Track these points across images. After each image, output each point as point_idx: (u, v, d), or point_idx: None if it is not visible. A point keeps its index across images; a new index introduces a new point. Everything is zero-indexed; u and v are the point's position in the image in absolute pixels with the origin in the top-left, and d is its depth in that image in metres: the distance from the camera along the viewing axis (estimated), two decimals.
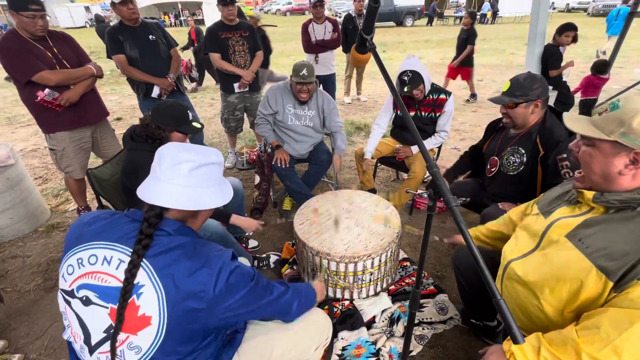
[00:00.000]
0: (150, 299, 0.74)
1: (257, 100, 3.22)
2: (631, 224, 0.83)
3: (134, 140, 1.57)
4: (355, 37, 4.84)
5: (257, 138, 3.69)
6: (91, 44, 11.44)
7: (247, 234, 2.35)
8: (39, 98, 2.01)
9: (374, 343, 1.55)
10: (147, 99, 2.65)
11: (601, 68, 4.04)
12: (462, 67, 5.40)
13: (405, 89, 2.23)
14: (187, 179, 0.82)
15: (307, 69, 2.28)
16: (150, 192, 0.81)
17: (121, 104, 6.06)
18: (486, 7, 20.25)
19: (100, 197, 1.73)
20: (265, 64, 4.42)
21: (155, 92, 2.61)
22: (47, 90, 2.01)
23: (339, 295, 1.78)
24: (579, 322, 0.83)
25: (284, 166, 2.39)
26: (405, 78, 2.23)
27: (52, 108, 2.08)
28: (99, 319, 0.77)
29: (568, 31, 3.63)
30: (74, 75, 2.12)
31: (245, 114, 3.30)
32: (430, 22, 20.22)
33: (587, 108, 4.20)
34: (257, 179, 2.61)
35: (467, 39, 5.18)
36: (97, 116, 2.36)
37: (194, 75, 6.76)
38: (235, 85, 3.02)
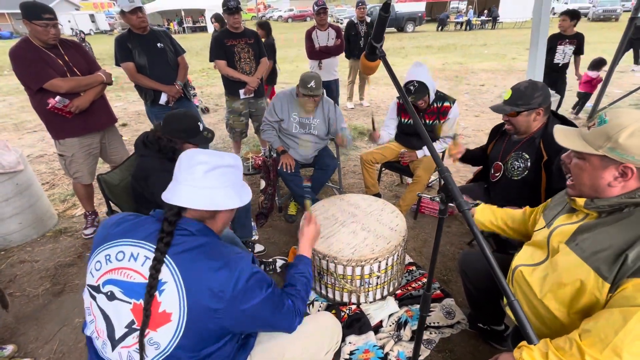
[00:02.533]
0: (171, 296, 0.76)
1: (262, 106, 3.26)
2: (621, 224, 0.86)
3: (146, 147, 1.59)
4: (357, 43, 4.91)
5: (261, 143, 3.72)
6: (96, 51, 11.59)
7: (253, 238, 2.36)
8: (50, 105, 2.04)
9: (382, 347, 1.55)
10: (155, 105, 2.68)
11: (596, 65, 4.53)
12: None
13: (410, 99, 2.26)
14: (203, 181, 0.85)
15: (315, 81, 2.29)
16: (170, 193, 0.87)
17: (126, 110, 6.12)
18: (470, 14, 20.55)
19: (110, 202, 1.75)
20: (273, 77, 4.42)
21: (163, 99, 2.65)
22: (58, 98, 2.05)
23: (345, 300, 1.79)
24: (581, 326, 0.84)
25: (289, 171, 2.41)
26: (412, 88, 2.26)
27: (62, 115, 2.12)
28: (122, 314, 0.79)
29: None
30: (84, 82, 2.16)
31: (250, 120, 3.34)
32: (442, 26, 20.65)
33: (583, 99, 4.87)
34: (263, 183, 2.63)
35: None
36: (105, 122, 2.39)
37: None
38: (241, 91, 3.06)
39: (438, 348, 1.58)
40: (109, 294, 0.80)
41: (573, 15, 3.86)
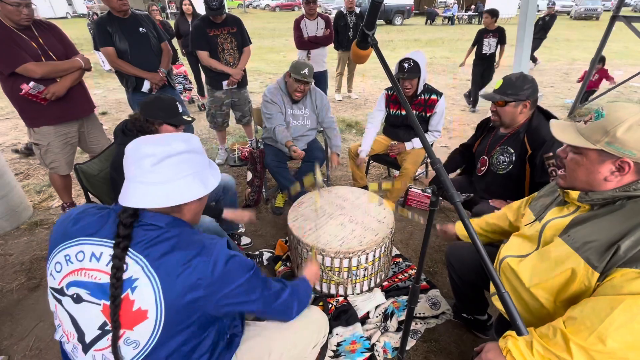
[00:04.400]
0: (145, 293, 0.72)
1: (244, 96, 3.18)
2: (613, 216, 0.87)
3: (125, 135, 1.53)
4: (346, 34, 4.86)
5: (247, 134, 3.66)
6: (73, 36, 11.06)
7: (239, 230, 2.33)
8: (23, 91, 1.93)
9: (369, 338, 1.57)
10: (137, 93, 2.58)
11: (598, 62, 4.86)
12: None
13: (401, 77, 2.24)
14: (153, 175, 0.76)
15: (309, 69, 2.27)
16: (122, 194, 0.78)
17: (106, 98, 5.89)
18: (454, 9, 20.73)
19: (89, 193, 1.68)
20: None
21: (146, 86, 2.55)
22: (32, 83, 1.94)
23: (333, 291, 1.79)
24: (566, 313, 0.86)
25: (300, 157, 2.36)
26: (406, 65, 2.23)
27: (36, 101, 2.01)
28: (92, 316, 0.75)
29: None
30: (61, 67, 2.04)
31: (231, 110, 3.25)
32: (431, 20, 20.66)
33: (586, 95, 5.14)
34: (249, 175, 2.59)
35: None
36: (84, 110, 2.28)
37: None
38: (224, 83, 2.97)
39: (423, 338, 1.60)
40: (74, 296, 0.75)
41: (493, 14, 4.67)
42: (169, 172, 0.77)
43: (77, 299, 0.75)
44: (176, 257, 0.74)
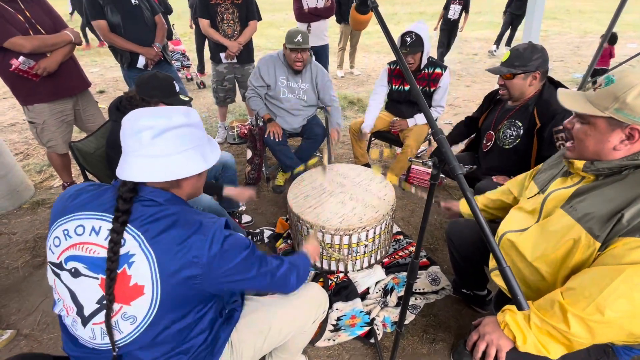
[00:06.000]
0: (141, 269, 0.72)
1: (248, 72, 3.09)
2: (618, 185, 0.84)
3: (120, 112, 1.49)
4: (348, 6, 4.65)
5: (248, 112, 3.59)
6: (61, 12, 10.74)
7: (240, 208, 2.33)
8: (13, 67, 1.87)
9: (368, 313, 1.59)
10: (132, 69, 2.51)
11: (611, 40, 4.65)
12: None
13: (403, 52, 2.15)
14: (152, 148, 0.74)
15: (302, 35, 2.19)
16: (120, 167, 0.77)
17: (103, 76, 5.78)
18: None
19: (86, 172, 1.66)
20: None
21: (141, 62, 2.47)
22: (21, 58, 1.87)
23: (333, 268, 1.80)
24: (565, 284, 0.85)
25: (277, 139, 2.33)
26: (408, 39, 2.14)
27: (28, 78, 1.95)
28: (90, 290, 0.75)
29: None
30: (50, 41, 1.97)
31: (237, 86, 3.19)
32: None
33: (598, 74, 5.04)
34: (249, 153, 2.56)
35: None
36: (77, 87, 2.23)
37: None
38: (222, 55, 2.88)
39: (423, 313, 1.62)
40: (72, 270, 0.75)
41: None
42: (169, 145, 0.75)
43: (75, 273, 0.75)
44: (173, 235, 0.73)
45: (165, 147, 0.75)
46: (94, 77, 5.64)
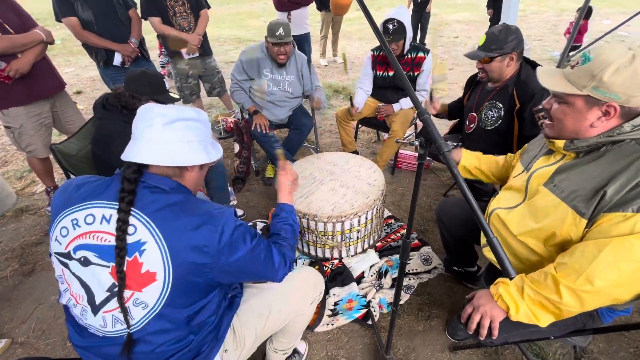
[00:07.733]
0: (153, 255, 0.74)
1: (211, 65, 3.00)
2: (599, 162, 0.87)
3: (106, 109, 1.46)
4: None
5: (226, 106, 3.53)
6: (35, 10, 10.24)
7: (231, 203, 2.32)
8: None
9: (364, 296, 1.62)
10: (109, 67, 2.43)
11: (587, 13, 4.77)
12: None
13: (387, 39, 2.15)
14: (161, 134, 0.79)
15: (284, 27, 2.15)
16: (127, 151, 0.80)
17: (79, 76, 5.58)
18: None
19: (70, 175, 1.62)
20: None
21: (117, 59, 2.40)
22: None
23: (328, 255, 1.83)
24: (556, 259, 0.89)
25: (264, 132, 2.32)
26: (390, 27, 2.13)
27: (0, 81, 1.87)
28: (101, 278, 0.76)
29: None
30: (20, 41, 1.89)
31: (200, 82, 3.08)
32: None
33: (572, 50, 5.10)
34: (237, 147, 2.54)
35: None
36: (53, 88, 2.15)
37: None
38: (183, 51, 2.77)
39: (417, 292, 1.67)
40: (82, 259, 0.77)
41: None
42: (177, 133, 0.80)
43: (85, 262, 0.77)
44: (183, 222, 0.76)
45: (174, 135, 0.80)
46: (69, 78, 5.44)
